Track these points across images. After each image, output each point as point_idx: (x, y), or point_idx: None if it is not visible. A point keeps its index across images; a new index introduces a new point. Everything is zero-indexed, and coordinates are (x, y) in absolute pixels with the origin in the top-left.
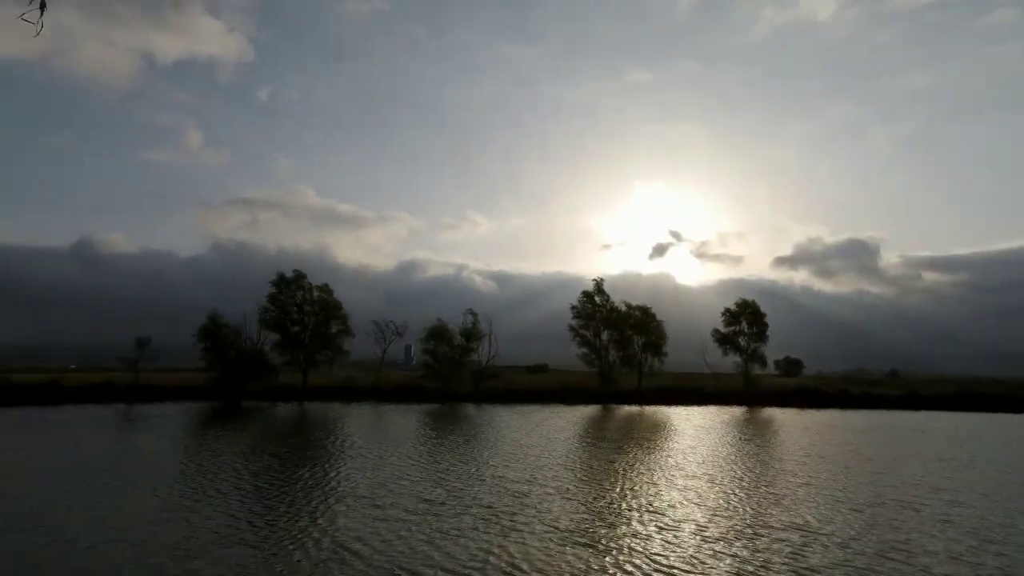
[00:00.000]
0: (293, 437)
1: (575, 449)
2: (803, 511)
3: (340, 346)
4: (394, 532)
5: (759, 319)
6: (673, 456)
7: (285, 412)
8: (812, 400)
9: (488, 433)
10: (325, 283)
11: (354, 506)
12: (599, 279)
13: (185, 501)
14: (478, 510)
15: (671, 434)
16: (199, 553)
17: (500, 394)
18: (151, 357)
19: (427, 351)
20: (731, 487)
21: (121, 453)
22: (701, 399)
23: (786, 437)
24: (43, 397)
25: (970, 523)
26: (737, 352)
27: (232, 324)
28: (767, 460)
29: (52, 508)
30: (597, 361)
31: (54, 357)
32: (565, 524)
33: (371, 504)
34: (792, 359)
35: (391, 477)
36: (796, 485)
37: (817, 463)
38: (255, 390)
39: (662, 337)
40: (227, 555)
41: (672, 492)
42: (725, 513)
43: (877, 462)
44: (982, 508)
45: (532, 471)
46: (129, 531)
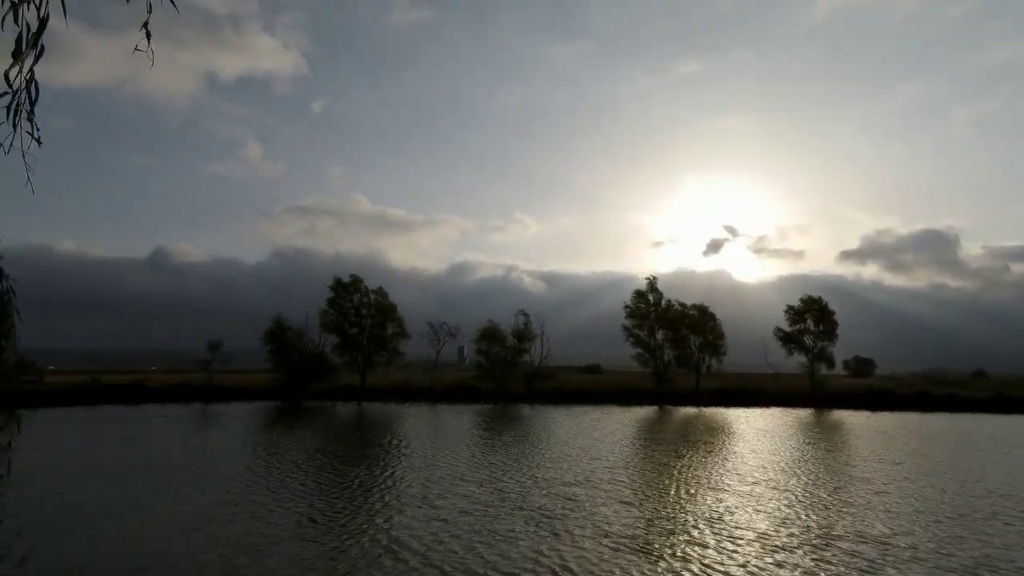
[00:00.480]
0: (352, 436)
1: (629, 451)
2: (877, 521)
3: (396, 347)
4: (447, 532)
5: (827, 316)
6: (732, 460)
7: (345, 411)
8: (886, 402)
9: (540, 434)
10: (380, 286)
11: (409, 504)
12: (652, 277)
13: (253, 496)
14: (529, 512)
15: (730, 437)
16: (264, 546)
17: (553, 395)
18: (223, 359)
19: (480, 352)
20: (795, 493)
21: (196, 450)
22: (763, 401)
23: (856, 441)
24: (130, 397)
25: None
26: (802, 352)
27: (295, 327)
28: (835, 465)
29: (134, 499)
30: (652, 361)
31: (139, 360)
32: (617, 529)
33: (426, 503)
34: (863, 359)
35: (445, 477)
36: (869, 492)
37: (892, 469)
38: (317, 390)
39: (720, 336)
40: (290, 549)
41: (731, 497)
42: (788, 521)
43: (960, 470)
44: None
45: (584, 473)
46: (200, 524)
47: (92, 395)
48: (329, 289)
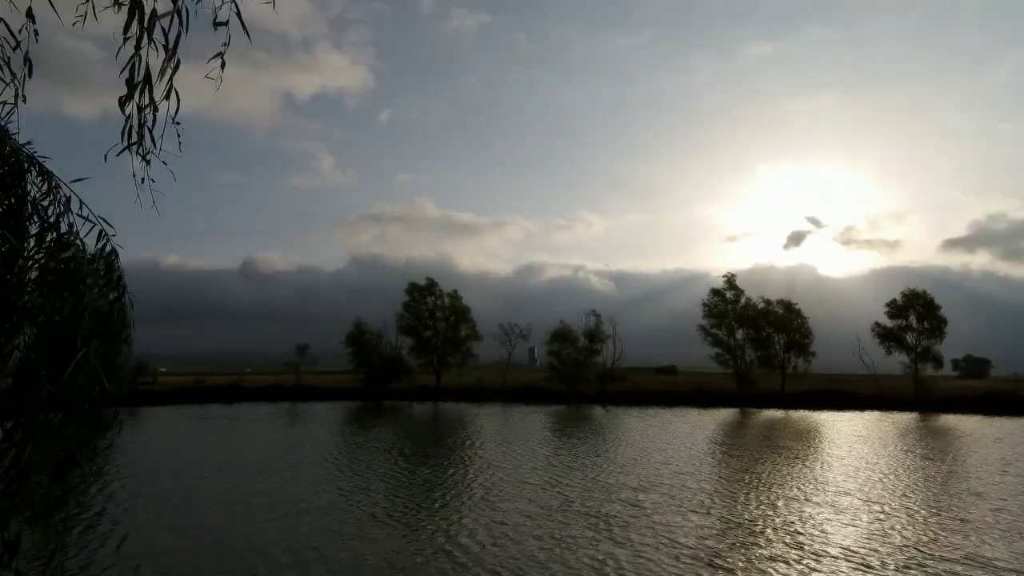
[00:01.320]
0: (425, 436)
1: (703, 456)
2: (993, 541)
3: (469, 349)
4: (505, 534)
5: (932, 312)
6: (818, 467)
7: (420, 411)
8: (1005, 407)
9: (610, 436)
10: (454, 290)
11: (471, 505)
12: (731, 274)
13: (325, 494)
14: (592, 518)
15: (817, 442)
16: (331, 541)
17: (627, 396)
18: (309, 361)
19: (552, 353)
20: (892, 506)
21: (287, 447)
22: (857, 404)
23: (966, 448)
24: (228, 396)
25: None
26: (904, 351)
27: (373, 330)
28: (942, 477)
29: (218, 493)
30: (732, 362)
31: (236, 362)
32: (683, 539)
33: (488, 505)
34: (976, 358)
35: (510, 479)
36: (984, 509)
37: (1014, 483)
38: (394, 390)
39: (807, 335)
40: (352, 545)
41: (814, 509)
42: (883, 537)
43: None
44: None
45: (653, 478)
46: (275, 517)
47: (197, 395)
48: (404, 293)
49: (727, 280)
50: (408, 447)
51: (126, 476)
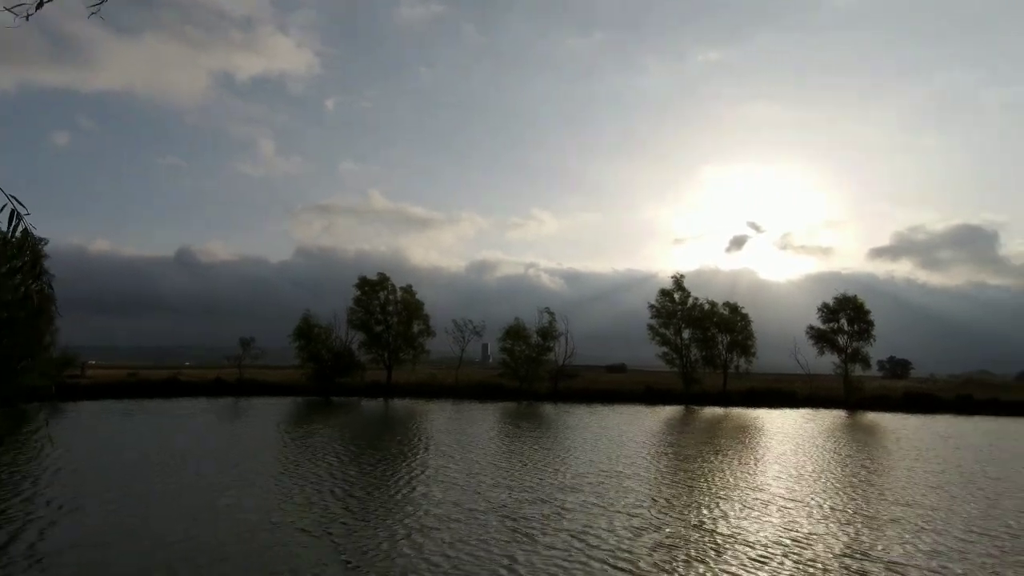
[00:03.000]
0: (371, 433)
1: (642, 454)
2: (897, 535)
3: (422, 345)
4: (416, 539)
5: (861, 316)
6: (751, 465)
7: (370, 408)
8: (923, 405)
9: (557, 434)
10: (408, 285)
11: (390, 508)
12: (679, 275)
13: (257, 491)
14: (511, 520)
15: (754, 439)
16: (264, 545)
17: (578, 394)
18: (254, 356)
19: (504, 350)
20: (816, 504)
21: (226, 442)
22: (793, 402)
23: (885, 447)
24: (165, 391)
25: None
26: (835, 352)
27: (323, 324)
28: (858, 474)
29: (144, 487)
30: (678, 361)
31: (175, 355)
32: (598, 541)
33: (412, 507)
34: (898, 360)
35: (443, 479)
36: (892, 505)
37: (922, 479)
38: (344, 386)
39: (750, 336)
40: (256, 551)
41: (742, 508)
42: (805, 536)
43: (1003, 481)
44: None
45: (587, 478)
46: (204, 515)
47: (130, 389)
48: (356, 287)
49: (675, 281)
50: (347, 446)
51: (21, 476)
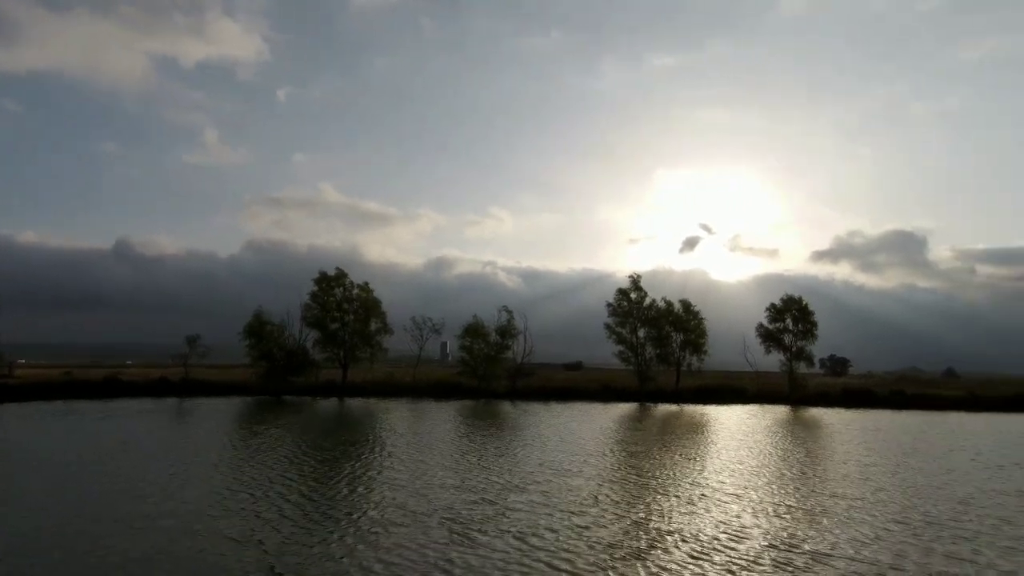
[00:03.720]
0: (321, 434)
1: (591, 452)
2: (830, 529)
3: (380, 343)
4: (351, 544)
5: (806, 316)
6: (698, 461)
7: (325, 407)
8: (861, 400)
9: (512, 432)
10: (365, 282)
11: (327, 512)
12: (636, 275)
13: (195, 496)
14: (452, 522)
15: (701, 436)
16: (183, 555)
17: (536, 391)
18: (201, 354)
19: (463, 348)
20: (757, 499)
21: (165, 444)
22: (743, 398)
23: (823, 441)
24: (103, 391)
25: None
26: (781, 350)
27: (275, 322)
28: (798, 468)
29: (102, 493)
30: (634, 359)
31: (116, 353)
32: (539, 541)
33: (355, 511)
34: (838, 358)
35: (390, 480)
36: (827, 497)
37: (854, 472)
38: (298, 385)
39: (703, 335)
40: (211, 549)
41: (685, 504)
42: (745, 530)
43: (924, 472)
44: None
45: (536, 477)
46: (141, 521)
47: (64, 390)
48: (312, 283)
49: (632, 281)
50: (292, 447)
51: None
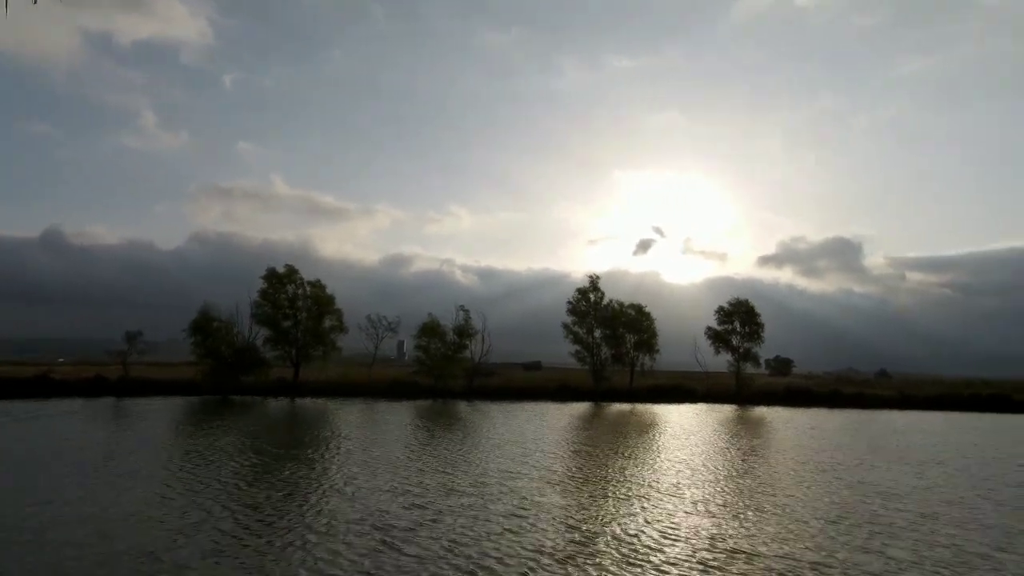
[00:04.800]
0: (266, 436)
1: (535, 453)
2: (769, 524)
3: (333, 342)
4: (260, 553)
5: (752, 318)
6: (642, 460)
7: (274, 408)
8: (802, 399)
9: (464, 433)
10: (318, 279)
11: (245, 523)
12: (595, 275)
13: (157, 502)
14: (379, 530)
15: (650, 436)
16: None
17: (494, 391)
18: (142, 351)
19: (420, 347)
20: (697, 499)
21: (89, 448)
22: (693, 398)
23: (773, 438)
24: (31, 391)
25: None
26: (730, 351)
27: (223, 318)
28: (739, 466)
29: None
30: (589, 359)
31: (45, 350)
32: (469, 548)
33: (288, 517)
34: (783, 358)
35: (325, 487)
36: (764, 497)
37: (790, 467)
38: (247, 385)
39: (654, 336)
40: (118, 564)
41: (622, 504)
42: (675, 530)
43: (854, 468)
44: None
45: (480, 480)
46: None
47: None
48: (262, 280)
49: (591, 281)
50: (231, 451)
51: None
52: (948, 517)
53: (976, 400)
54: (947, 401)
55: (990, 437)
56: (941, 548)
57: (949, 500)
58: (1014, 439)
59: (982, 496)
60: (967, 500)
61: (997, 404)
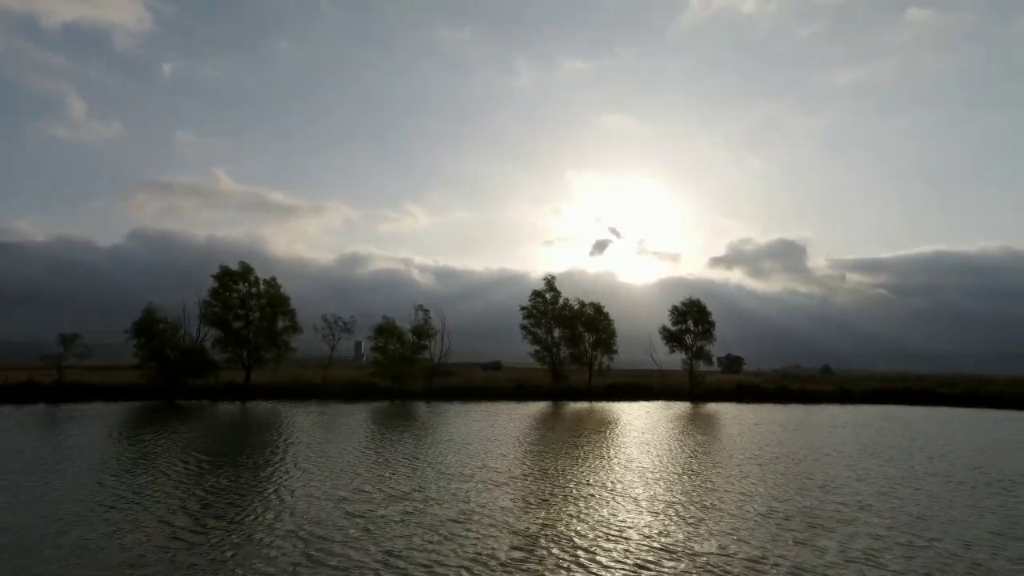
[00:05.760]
0: (211, 441)
1: (494, 453)
2: (709, 521)
3: (287, 343)
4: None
5: (705, 318)
6: (595, 459)
7: (224, 412)
8: (751, 396)
9: (417, 436)
10: (273, 277)
11: (166, 533)
12: (551, 276)
13: (100, 509)
14: (307, 540)
15: (606, 434)
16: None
17: (453, 392)
18: (79, 354)
19: (377, 348)
20: (638, 497)
21: (33, 454)
22: (649, 395)
23: (718, 435)
24: None
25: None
26: (683, 350)
27: (169, 319)
28: (688, 464)
29: None
30: (548, 358)
31: None
32: (397, 558)
33: (202, 530)
34: (734, 356)
35: (263, 494)
36: (711, 495)
37: (735, 464)
38: (195, 388)
39: (612, 335)
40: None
41: (566, 505)
42: (621, 530)
43: (799, 462)
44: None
45: (423, 484)
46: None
47: None
48: (213, 279)
49: (547, 282)
50: (171, 457)
51: None
52: (878, 508)
53: (908, 394)
54: (882, 395)
55: (918, 429)
56: (870, 539)
57: (881, 491)
58: (940, 431)
59: (911, 487)
60: (896, 492)
61: (926, 398)
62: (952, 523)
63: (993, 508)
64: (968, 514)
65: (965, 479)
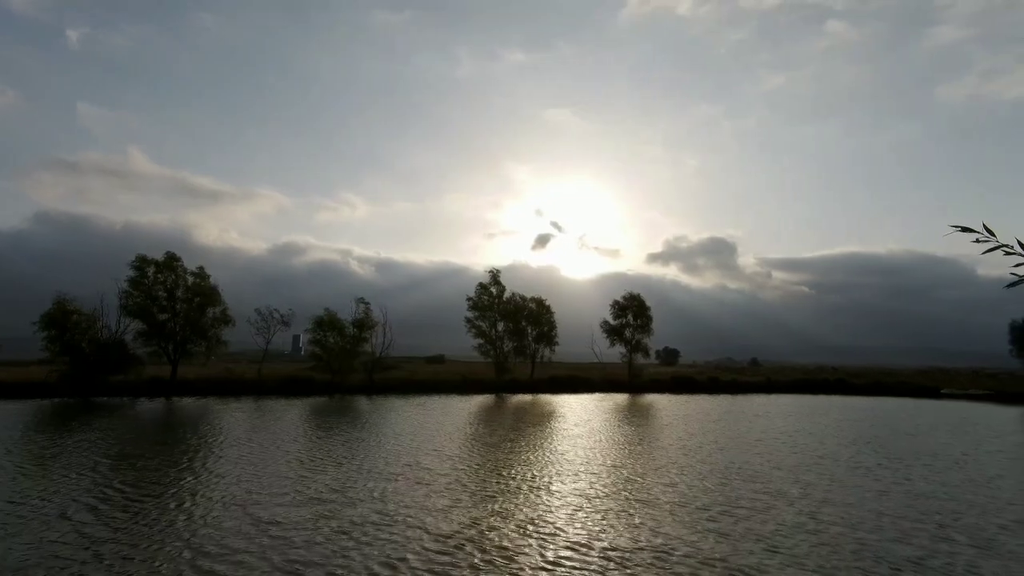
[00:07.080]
0: (134, 442)
1: (427, 450)
2: (629, 514)
3: (218, 336)
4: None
5: (644, 312)
6: (529, 453)
7: (144, 410)
8: (687, 387)
9: (350, 433)
10: (201, 267)
11: (68, 541)
12: (495, 270)
13: None
14: (203, 554)
15: (546, 427)
16: None
17: (395, 385)
18: None
19: (315, 342)
20: (581, 494)
21: None
22: (590, 387)
23: (651, 426)
24: None
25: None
26: (623, 343)
27: (84, 310)
28: (616, 456)
29: None
30: (492, 352)
31: None
32: (300, 566)
33: (88, 546)
34: (671, 349)
35: (169, 500)
36: (637, 487)
37: (662, 455)
38: (115, 384)
39: (553, 328)
40: None
41: (489, 504)
42: (539, 530)
43: (723, 451)
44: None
45: (349, 484)
46: None
47: None
48: (131, 268)
49: (492, 276)
50: (77, 463)
51: None
52: (792, 495)
53: (825, 384)
54: (803, 386)
55: (830, 417)
56: (780, 525)
57: (797, 480)
58: (851, 419)
59: (820, 474)
60: (809, 480)
61: (840, 388)
62: (849, 506)
63: (886, 488)
64: (862, 496)
65: (869, 464)
